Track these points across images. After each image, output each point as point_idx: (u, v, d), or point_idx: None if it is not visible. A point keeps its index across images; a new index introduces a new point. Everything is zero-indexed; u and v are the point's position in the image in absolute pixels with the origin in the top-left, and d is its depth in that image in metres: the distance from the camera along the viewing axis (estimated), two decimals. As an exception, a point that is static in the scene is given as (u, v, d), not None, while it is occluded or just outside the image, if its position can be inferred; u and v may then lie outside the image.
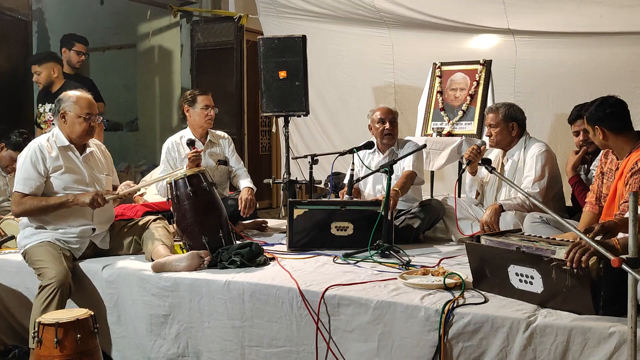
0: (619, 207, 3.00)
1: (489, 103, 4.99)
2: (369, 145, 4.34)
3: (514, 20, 5.41)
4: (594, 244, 2.31)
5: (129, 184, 3.74)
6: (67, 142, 3.57)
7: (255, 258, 3.42)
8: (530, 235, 2.94)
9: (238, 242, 3.66)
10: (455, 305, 2.63)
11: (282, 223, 4.90)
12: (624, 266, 2.05)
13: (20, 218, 3.64)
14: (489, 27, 5.60)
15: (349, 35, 6.44)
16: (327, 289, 2.90)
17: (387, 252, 3.56)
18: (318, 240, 3.83)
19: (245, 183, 4.56)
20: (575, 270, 2.39)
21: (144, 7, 7.61)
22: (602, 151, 3.37)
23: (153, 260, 3.40)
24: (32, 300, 3.39)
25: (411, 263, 3.39)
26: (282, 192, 5.66)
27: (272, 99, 5.43)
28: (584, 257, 2.36)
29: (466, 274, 2.94)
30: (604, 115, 3.07)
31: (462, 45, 5.83)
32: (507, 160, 4.09)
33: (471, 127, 5.15)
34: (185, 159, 4.32)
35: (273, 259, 3.56)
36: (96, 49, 8.39)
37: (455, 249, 3.90)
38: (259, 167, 7.97)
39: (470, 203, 4.29)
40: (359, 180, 4.16)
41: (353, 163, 4.20)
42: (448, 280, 2.87)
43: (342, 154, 4.38)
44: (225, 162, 4.71)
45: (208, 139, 4.64)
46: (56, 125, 3.65)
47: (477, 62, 5.24)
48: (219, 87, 6.87)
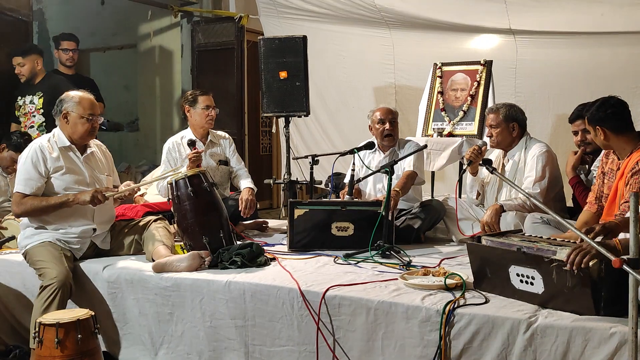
0: (619, 208, 3.00)
1: (490, 103, 4.99)
2: (369, 146, 4.34)
3: (515, 20, 5.41)
4: (595, 245, 2.31)
5: (129, 184, 3.75)
6: (68, 143, 3.57)
7: (256, 258, 3.42)
8: (531, 235, 2.94)
9: (239, 243, 3.66)
10: (456, 305, 2.63)
11: (283, 223, 4.90)
12: (624, 267, 2.04)
13: (21, 218, 3.64)
14: (490, 27, 5.59)
15: (350, 35, 6.44)
16: (328, 290, 2.90)
17: (387, 253, 3.56)
18: (319, 240, 3.83)
19: (246, 183, 4.56)
20: (576, 271, 2.39)
21: (145, 7, 7.61)
22: (603, 151, 3.37)
23: (154, 261, 3.40)
24: (32, 300, 3.39)
25: (412, 263, 3.39)
26: (283, 192, 5.67)
27: (273, 99, 5.44)
28: (584, 259, 2.36)
29: (467, 274, 2.94)
30: (605, 116, 3.07)
31: (463, 45, 5.83)
32: (508, 160, 4.09)
33: (472, 128, 5.14)
34: (186, 160, 4.33)
35: (274, 259, 3.56)
36: (97, 49, 8.41)
37: (456, 249, 3.91)
38: (259, 168, 7.97)
39: (471, 203, 4.29)
40: (359, 181, 4.15)
41: (354, 163, 4.19)
42: (449, 281, 2.87)
43: (342, 154, 4.37)
44: (226, 163, 4.70)
45: (209, 139, 4.64)
46: (57, 126, 3.65)
47: (477, 63, 5.24)
48: (219, 87, 6.87)
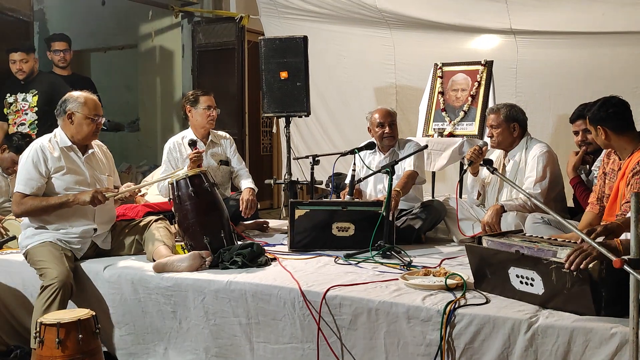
0: (620, 208, 3.00)
1: (490, 104, 4.99)
2: (370, 146, 4.34)
3: (516, 20, 5.41)
4: (596, 245, 2.31)
5: (129, 185, 3.74)
6: (70, 143, 3.57)
7: (256, 258, 3.42)
8: (531, 236, 2.93)
9: (239, 243, 3.66)
10: (456, 306, 2.63)
11: (284, 223, 4.90)
12: (625, 267, 2.04)
13: (22, 218, 3.64)
14: (491, 27, 5.59)
15: (351, 35, 6.44)
16: (329, 290, 2.89)
17: (388, 253, 3.55)
18: (319, 240, 3.82)
19: (247, 184, 4.56)
20: (575, 273, 2.39)
21: (146, 7, 7.61)
22: (605, 151, 3.36)
23: (154, 261, 3.40)
24: (33, 300, 3.39)
25: (412, 264, 3.38)
26: (283, 192, 5.67)
27: (274, 99, 5.44)
28: (584, 261, 2.35)
29: (467, 274, 2.93)
30: (607, 116, 3.07)
31: (464, 45, 5.83)
32: (509, 161, 4.09)
33: (472, 128, 5.14)
34: (186, 160, 4.33)
35: (274, 259, 3.56)
36: (97, 50, 8.41)
37: (457, 249, 3.90)
38: (260, 168, 7.97)
39: (471, 204, 4.29)
40: (360, 181, 4.15)
41: (354, 163, 4.19)
42: (449, 281, 2.87)
43: (343, 154, 4.36)
44: (227, 163, 4.70)
45: (210, 140, 4.64)
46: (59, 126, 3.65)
47: (478, 63, 5.24)
48: (220, 87, 6.87)
